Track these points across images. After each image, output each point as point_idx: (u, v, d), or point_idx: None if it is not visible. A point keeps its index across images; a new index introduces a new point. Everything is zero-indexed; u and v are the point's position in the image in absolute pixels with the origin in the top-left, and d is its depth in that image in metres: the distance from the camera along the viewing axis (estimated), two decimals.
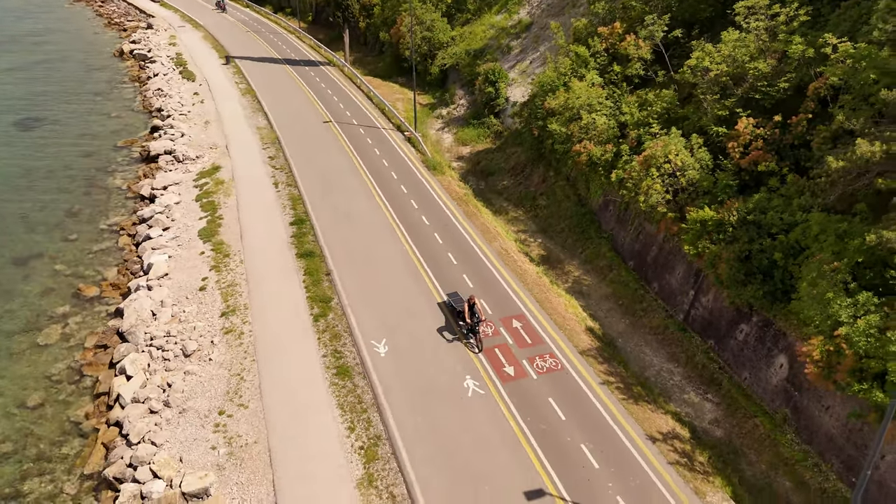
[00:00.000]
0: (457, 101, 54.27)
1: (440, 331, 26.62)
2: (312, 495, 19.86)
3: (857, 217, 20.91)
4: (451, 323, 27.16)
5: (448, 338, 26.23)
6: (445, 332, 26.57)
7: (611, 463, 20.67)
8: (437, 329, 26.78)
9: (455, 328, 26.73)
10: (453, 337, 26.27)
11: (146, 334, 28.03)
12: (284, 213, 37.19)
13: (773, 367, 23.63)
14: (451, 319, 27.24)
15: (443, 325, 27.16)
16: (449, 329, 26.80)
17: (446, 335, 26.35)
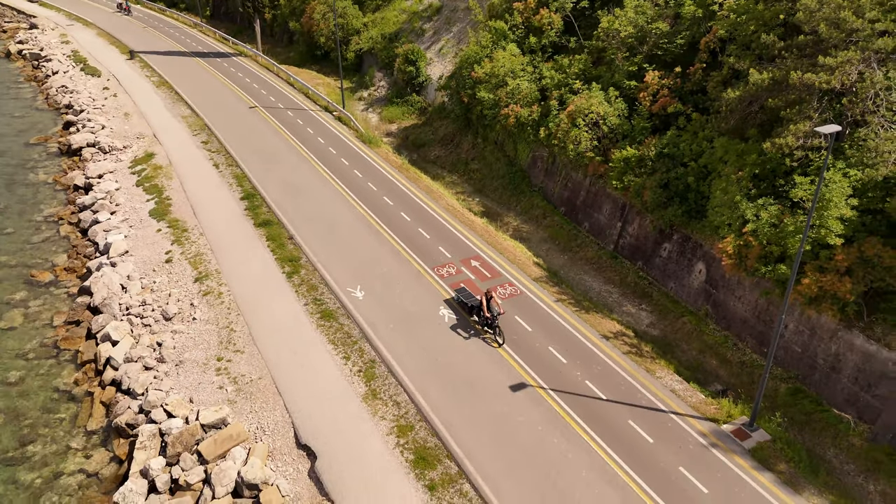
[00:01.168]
0: (376, 83, 56.76)
1: (454, 328, 25.66)
2: (324, 411, 22.18)
3: (750, 140, 25.75)
4: (463, 319, 26.35)
5: (464, 335, 25.30)
6: (460, 329, 25.61)
7: (575, 358, 24.41)
8: (450, 326, 25.95)
9: (470, 323, 26.03)
10: (469, 334, 25.39)
11: (121, 305, 28.90)
12: (232, 190, 38.42)
13: (693, 273, 28.32)
14: (464, 315, 26.51)
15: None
16: (462, 326, 25.85)
17: (461, 332, 25.42)
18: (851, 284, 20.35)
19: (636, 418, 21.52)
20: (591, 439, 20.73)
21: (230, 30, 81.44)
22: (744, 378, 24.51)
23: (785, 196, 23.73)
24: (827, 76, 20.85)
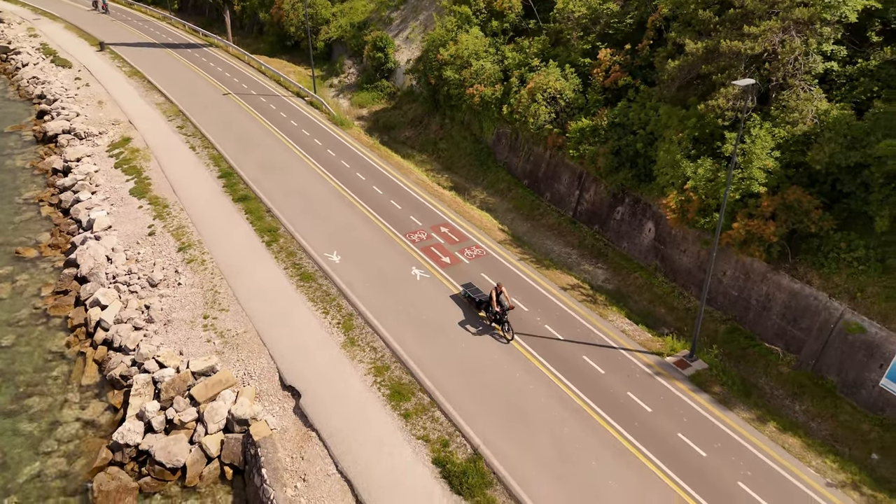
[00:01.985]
0: (346, 70, 58.50)
1: (462, 324, 25.33)
2: (307, 358, 24.12)
3: (690, 107, 28.27)
4: (434, 278, 27.00)
5: (473, 331, 24.92)
6: (468, 325, 25.22)
7: (536, 306, 26.70)
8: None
9: (478, 318, 25.71)
10: (478, 329, 24.98)
11: (107, 274, 30.37)
12: (210, 170, 39.94)
13: (643, 233, 30.84)
14: (472, 310, 26.18)
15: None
16: (471, 322, 25.48)
17: (470, 328, 25.03)
18: (775, 227, 22.95)
19: (590, 354, 23.88)
20: (549, 372, 23.02)
21: (199, 22, 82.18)
22: (689, 322, 27.05)
23: (721, 155, 26.31)
24: (751, 43, 23.41)
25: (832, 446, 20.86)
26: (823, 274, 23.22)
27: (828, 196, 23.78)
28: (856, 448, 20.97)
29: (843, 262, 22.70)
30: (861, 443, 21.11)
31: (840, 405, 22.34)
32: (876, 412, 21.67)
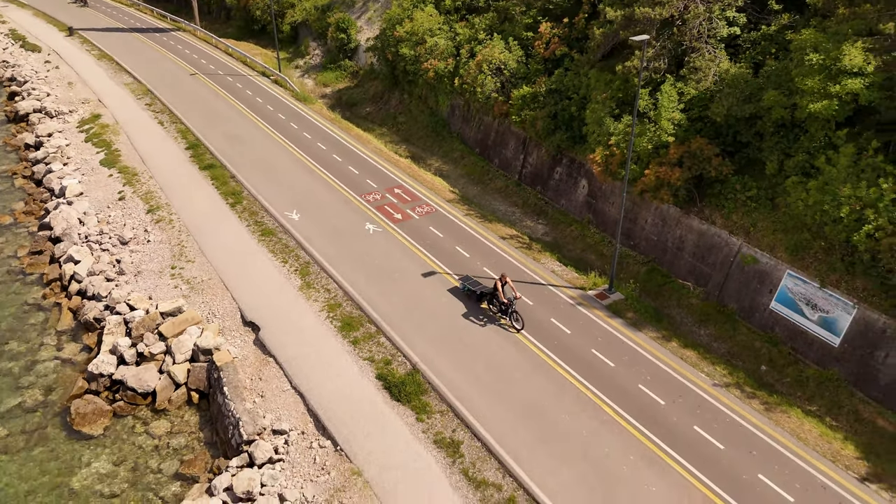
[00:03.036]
0: (311, 52, 60.57)
1: (378, 237, 25.66)
2: (266, 298, 26.57)
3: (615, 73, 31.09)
4: (472, 307, 25.41)
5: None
6: (382, 238, 25.68)
7: (477, 252, 29.42)
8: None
9: (480, 310, 25.24)
10: (482, 321, 24.61)
11: (80, 234, 32.41)
12: (177, 142, 41.98)
13: (578, 190, 33.70)
14: (472, 304, 25.64)
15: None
16: (473, 313, 25.04)
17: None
18: (680, 173, 25.88)
19: (521, 290, 26.64)
20: (484, 305, 25.75)
21: (168, 8, 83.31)
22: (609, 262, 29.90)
23: (641, 114, 29.17)
24: (660, 10, 26.27)
25: (728, 360, 23.89)
26: (724, 214, 26.24)
27: (731, 146, 26.75)
28: (748, 362, 24.02)
29: (740, 202, 25.73)
30: (753, 358, 24.17)
31: (738, 328, 25.40)
32: (767, 331, 24.76)
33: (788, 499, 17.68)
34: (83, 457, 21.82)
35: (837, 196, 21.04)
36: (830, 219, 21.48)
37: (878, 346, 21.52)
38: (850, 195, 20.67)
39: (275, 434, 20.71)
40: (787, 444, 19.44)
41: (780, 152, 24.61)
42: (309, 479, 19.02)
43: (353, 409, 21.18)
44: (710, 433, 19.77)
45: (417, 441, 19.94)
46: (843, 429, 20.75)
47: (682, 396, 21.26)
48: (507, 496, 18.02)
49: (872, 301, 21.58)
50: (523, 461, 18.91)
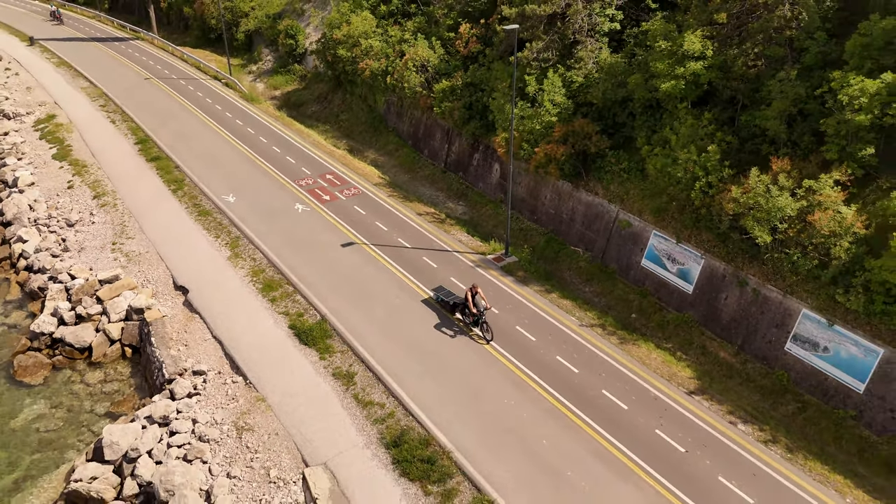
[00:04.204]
0: (264, 58, 63.63)
1: (438, 327, 24.70)
2: (197, 267, 29.41)
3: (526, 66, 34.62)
4: (445, 318, 25.40)
5: (450, 333, 24.30)
6: (444, 328, 24.59)
7: (394, 227, 32.59)
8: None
9: (453, 320, 25.13)
10: (455, 332, 24.42)
11: (29, 219, 34.96)
12: (127, 138, 44.67)
13: (492, 173, 37.11)
14: (447, 313, 25.57)
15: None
16: (446, 325, 24.90)
17: (446, 331, 24.39)
18: (564, 149, 29.37)
19: (429, 256, 29.84)
20: (392, 267, 28.91)
21: (129, 20, 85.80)
22: (520, 237, 33.26)
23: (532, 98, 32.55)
24: (545, 7, 29.89)
25: (603, 310, 27.22)
26: (604, 185, 29.75)
27: (611, 126, 30.32)
28: (621, 311, 27.41)
29: (615, 174, 29.26)
30: (626, 307, 27.56)
31: (616, 284, 28.82)
32: (639, 285, 28.21)
33: (623, 406, 20.97)
34: (24, 402, 24.38)
35: (677, 160, 24.62)
36: (674, 181, 25.05)
37: (720, 290, 25.05)
38: (686, 158, 24.25)
39: (194, 374, 23.51)
40: (633, 368, 22.78)
41: (647, 129, 28.21)
42: (220, 407, 21.86)
43: (265, 352, 24.09)
44: (570, 361, 23.04)
45: (318, 374, 22.91)
46: (689, 360, 24.15)
47: (551, 335, 24.54)
48: (388, 412, 21.05)
49: (714, 251, 25.13)
50: (405, 385, 21.98)
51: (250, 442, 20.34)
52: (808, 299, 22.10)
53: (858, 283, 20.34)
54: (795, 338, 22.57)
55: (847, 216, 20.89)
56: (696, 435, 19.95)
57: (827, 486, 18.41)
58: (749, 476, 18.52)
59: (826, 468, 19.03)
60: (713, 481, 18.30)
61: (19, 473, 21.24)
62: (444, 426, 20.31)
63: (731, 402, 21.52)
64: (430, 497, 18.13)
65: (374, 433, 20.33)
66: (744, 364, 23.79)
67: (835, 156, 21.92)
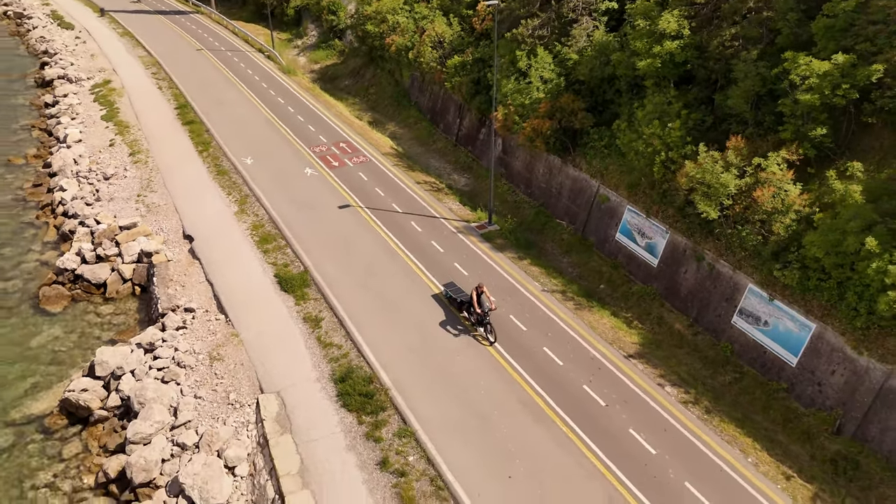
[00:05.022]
0: (309, 34, 66.43)
1: (443, 325, 24.24)
2: (206, 219, 32.22)
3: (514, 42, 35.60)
4: (452, 315, 24.80)
5: (454, 332, 23.72)
6: (449, 326, 24.07)
7: (392, 194, 34.48)
8: (439, 322, 24.40)
9: (459, 319, 24.54)
10: (459, 331, 23.81)
11: (72, 171, 38.75)
12: (169, 103, 48.22)
13: (495, 149, 38.36)
14: (454, 311, 24.96)
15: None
16: (451, 323, 24.33)
17: (450, 329, 23.88)
18: (550, 124, 30.40)
19: (417, 221, 31.62)
20: (379, 228, 30.88)
21: None
22: (513, 209, 34.54)
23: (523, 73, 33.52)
24: None
25: (574, 279, 28.36)
26: (588, 161, 30.64)
27: (601, 104, 31.10)
28: (591, 281, 28.47)
29: (597, 150, 30.10)
30: (597, 278, 28.60)
31: (592, 256, 29.82)
32: (612, 258, 29.14)
33: (559, 363, 22.29)
34: (43, 326, 27.77)
35: (642, 134, 25.38)
36: (639, 155, 25.83)
37: (681, 264, 25.79)
38: (650, 133, 25.00)
39: (185, 311, 26.23)
40: (580, 332, 23.97)
41: (630, 107, 28.90)
42: (200, 339, 24.48)
43: (249, 296, 26.56)
44: (521, 321, 24.45)
45: (290, 318, 25.21)
46: (644, 329, 25.10)
47: (512, 297, 25.96)
48: (343, 353, 23.12)
49: (677, 226, 25.84)
50: (363, 331, 23.98)
51: (219, 370, 22.85)
52: (753, 274, 22.68)
53: (794, 259, 20.85)
54: (741, 312, 23.20)
55: (792, 194, 21.34)
56: (620, 392, 21.10)
57: (733, 445, 19.28)
58: (659, 430, 19.60)
59: (739, 431, 19.86)
60: (623, 432, 19.50)
61: (29, 383, 24.52)
62: (389, 367, 22.22)
63: (667, 368, 22.47)
64: (363, 426, 20.11)
65: (327, 370, 22.45)
66: (694, 335, 24.57)
67: (789, 136, 22.29)
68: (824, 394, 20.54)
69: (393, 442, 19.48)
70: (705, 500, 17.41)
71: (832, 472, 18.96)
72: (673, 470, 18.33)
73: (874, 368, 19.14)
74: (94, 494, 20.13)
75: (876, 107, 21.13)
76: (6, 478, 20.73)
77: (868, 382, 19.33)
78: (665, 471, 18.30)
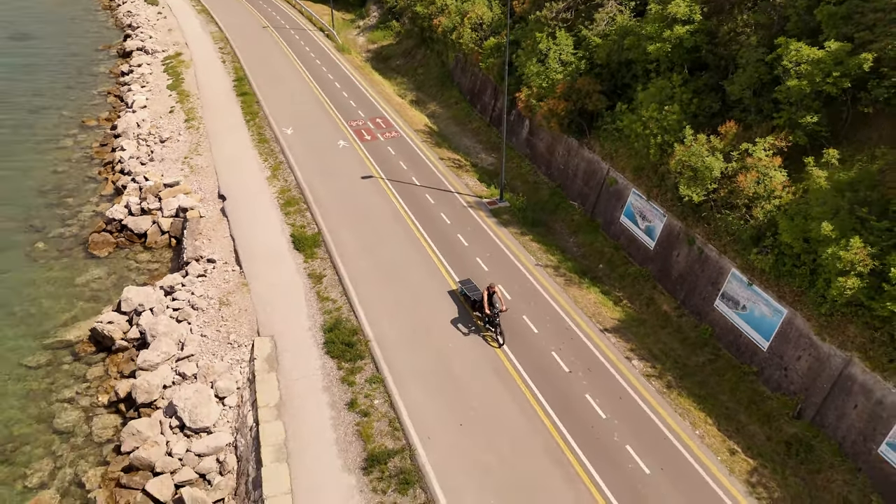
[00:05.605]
0: (370, 14, 68.62)
1: (454, 322, 23.89)
2: (240, 182, 34.83)
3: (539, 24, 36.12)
4: (465, 313, 24.43)
5: (464, 331, 23.37)
6: (460, 324, 23.76)
7: (414, 168, 36.03)
8: (450, 319, 24.09)
9: (472, 317, 24.09)
10: (469, 330, 23.45)
11: (134, 133, 42.40)
12: (229, 76, 51.47)
13: (523, 130, 39.18)
14: (467, 308, 24.51)
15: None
16: (463, 321, 23.98)
17: (461, 328, 23.54)
18: (565, 105, 31.02)
19: (431, 194, 33.05)
20: (395, 198, 32.53)
21: None
22: (532, 188, 35.42)
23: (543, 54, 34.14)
24: None
25: (572, 258, 29.10)
26: (601, 143, 31.11)
27: (620, 87, 31.43)
28: (592, 261, 29.11)
29: (609, 133, 30.50)
30: (598, 258, 29.21)
31: (598, 237, 30.38)
32: (615, 239, 29.64)
33: (534, 330, 23.30)
34: (89, 267, 31.09)
35: (641, 117, 25.76)
36: (639, 138, 26.22)
37: (674, 247, 26.12)
38: (648, 117, 25.36)
39: (207, 262, 28.80)
40: (562, 304, 24.85)
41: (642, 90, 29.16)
42: (215, 286, 26.95)
43: (265, 251, 28.85)
44: (508, 290, 25.53)
45: (297, 273, 27.30)
46: (632, 308, 25.67)
47: (505, 269, 27.06)
48: (337, 306, 24.96)
49: (673, 210, 26.13)
50: (358, 289, 25.75)
51: (225, 314, 25.20)
52: (735, 259, 22.88)
53: (770, 245, 21.00)
54: (724, 295, 23.45)
55: (776, 180, 21.43)
56: (586, 361, 21.94)
57: (685, 418, 19.84)
58: (615, 398, 20.38)
59: (695, 406, 20.37)
60: (579, 397, 20.41)
61: (69, 315, 27.73)
62: (374, 323, 23.90)
63: (640, 344, 23.08)
64: (341, 371, 21.89)
65: (320, 320, 24.36)
66: (679, 317, 24.95)
67: (782, 122, 22.28)
68: (789, 378, 20.69)
69: (364, 387, 21.16)
70: (640, 461, 18.18)
71: (784, 454, 19.22)
72: (618, 434, 19.14)
73: (835, 355, 19.19)
74: (106, 411, 22.87)
75: (872, 97, 20.86)
76: (36, 390, 23.81)
77: (828, 369, 19.40)
78: (610, 433, 19.14)
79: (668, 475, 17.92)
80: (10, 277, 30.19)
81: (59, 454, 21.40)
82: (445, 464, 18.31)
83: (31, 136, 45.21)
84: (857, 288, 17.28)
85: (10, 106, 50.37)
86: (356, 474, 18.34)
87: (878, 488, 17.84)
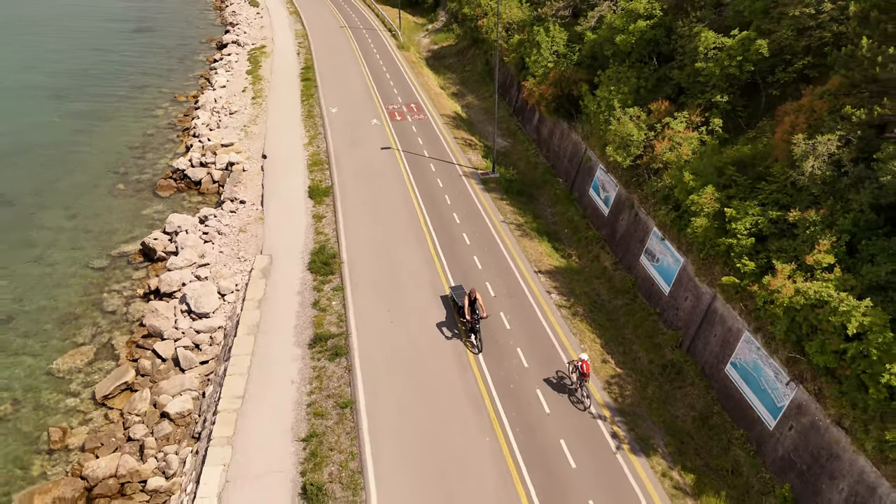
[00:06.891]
0: (439, 18, 74.66)
1: (440, 325, 24.29)
2: (282, 145, 41.34)
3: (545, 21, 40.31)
4: (452, 317, 24.78)
5: (447, 334, 23.73)
6: (444, 327, 24.18)
7: (429, 143, 41.19)
8: (437, 321, 24.31)
9: (457, 322, 24.35)
10: (452, 334, 23.77)
11: (210, 107, 50.24)
12: (299, 65, 58.84)
13: (534, 119, 43.42)
14: (454, 313, 24.87)
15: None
16: (449, 325, 24.35)
17: (445, 331, 23.93)
18: (552, 90, 35.15)
19: (435, 164, 38.05)
20: (403, 166, 37.80)
21: None
22: (531, 167, 39.64)
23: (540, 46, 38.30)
24: None
25: (547, 223, 33.13)
26: (581, 126, 34.99)
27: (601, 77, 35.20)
28: (561, 227, 33.07)
29: (586, 117, 34.33)
30: (566, 224, 33.11)
31: (570, 208, 34.23)
32: (584, 210, 33.43)
33: (479, 267, 27.72)
34: (153, 203, 38.41)
35: (597, 98, 29.60)
36: (594, 115, 30.05)
37: (621, 212, 29.72)
38: (601, 97, 29.20)
39: (240, 203, 35.21)
40: (511, 251, 29.08)
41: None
42: (238, 219, 33.23)
43: (285, 197, 34.91)
44: (468, 236, 30.11)
45: (304, 213, 33.10)
46: (577, 263, 29.54)
47: (474, 222, 31.59)
48: (327, 238, 30.45)
49: (622, 179, 29.76)
50: (347, 225, 31.16)
51: (241, 238, 31.34)
52: (655, 218, 26.35)
53: (672, 202, 24.46)
54: (647, 251, 26.93)
55: (685, 148, 24.87)
56: (511, 290, 26.16)
57: (576, 336, 23.68)
58: (523, 318, 24.52)
59: (590, 329, 24.14)
60: (494, 314, 24.66)
61: (130, 235, 34.90)
62: (350, 249, 29.18)
63: (565, 285, 26.97)
64: (315, 282, 27.29)
65: (311, 246, 29.94)
66: (615, 271, 28.56)
67: (703, 102, 25.66)
68: (678, 316, 24.02)
69: (328, 293, 26.45)
70: (525, 362, 22.27)
71: (659, 374, 22.68)
72: (514, 339, 23.30)
73: (706, 293, 22.47)
74: (140, 300, 29.44)
75: (776, 80, 23.97)
76: (96, 283, 30.81)
77: (701, 305, 22.68)
78: (508, 339, 23.34)
79: (540, 371, 21.91)
80: (94, 205, 37.94)
81: (100, 325, 28.07)
82: (369, 345, 23.21)
83: (132, 105, 54.23)
84: (704, 226, 20.67)
85: (122, 82, 60.11)
86: (303, 348, 23.60)
87: (721, 401, 21.04)
